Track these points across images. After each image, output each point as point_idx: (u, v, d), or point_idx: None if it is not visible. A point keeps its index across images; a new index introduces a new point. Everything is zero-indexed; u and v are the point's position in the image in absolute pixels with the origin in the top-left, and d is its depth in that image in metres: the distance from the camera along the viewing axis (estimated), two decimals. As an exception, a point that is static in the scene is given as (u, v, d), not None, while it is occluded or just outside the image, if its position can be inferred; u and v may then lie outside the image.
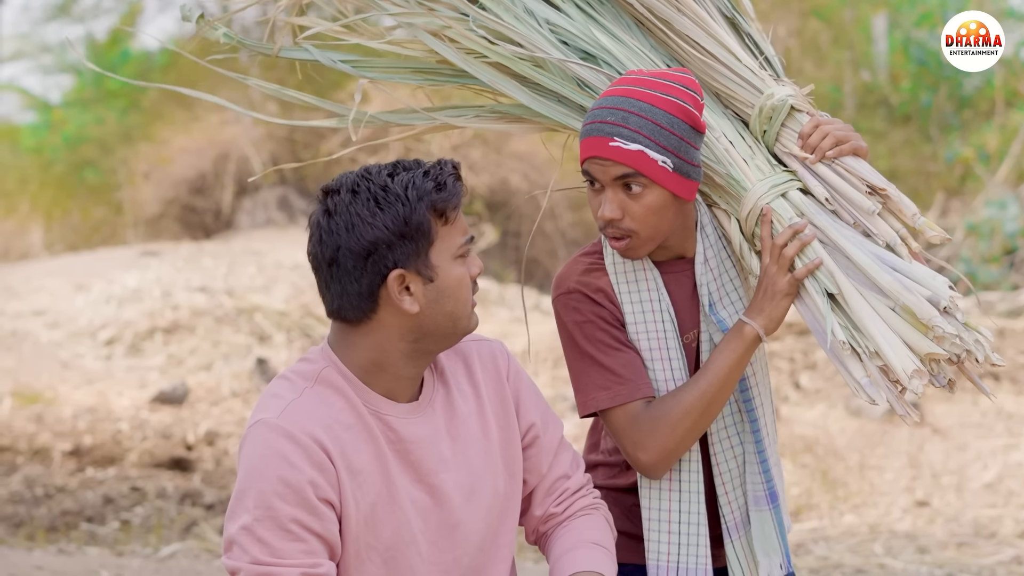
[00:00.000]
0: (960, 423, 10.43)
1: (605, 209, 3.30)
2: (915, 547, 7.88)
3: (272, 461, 2.91)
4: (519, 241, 20.33)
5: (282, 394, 3.00)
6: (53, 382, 12.81)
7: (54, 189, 24.85)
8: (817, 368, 12.19)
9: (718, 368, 3.35)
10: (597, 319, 3.42)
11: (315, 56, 3.75)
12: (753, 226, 3.38)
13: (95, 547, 8.10)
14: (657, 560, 3.46)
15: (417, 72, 3.73)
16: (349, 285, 2.97)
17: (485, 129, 3.72)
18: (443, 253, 2.99)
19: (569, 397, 11.51)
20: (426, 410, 3.10)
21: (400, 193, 2.93)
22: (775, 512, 3.48)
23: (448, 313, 3.02)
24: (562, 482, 3.32)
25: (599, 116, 3.27)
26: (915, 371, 3.18)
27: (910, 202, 3.34)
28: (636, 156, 3.24)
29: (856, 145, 3.39)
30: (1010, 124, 20.17)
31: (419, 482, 3.06)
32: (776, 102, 3.41)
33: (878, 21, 21.68)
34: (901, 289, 3.22)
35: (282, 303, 15.16)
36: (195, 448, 10.29)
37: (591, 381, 3.42)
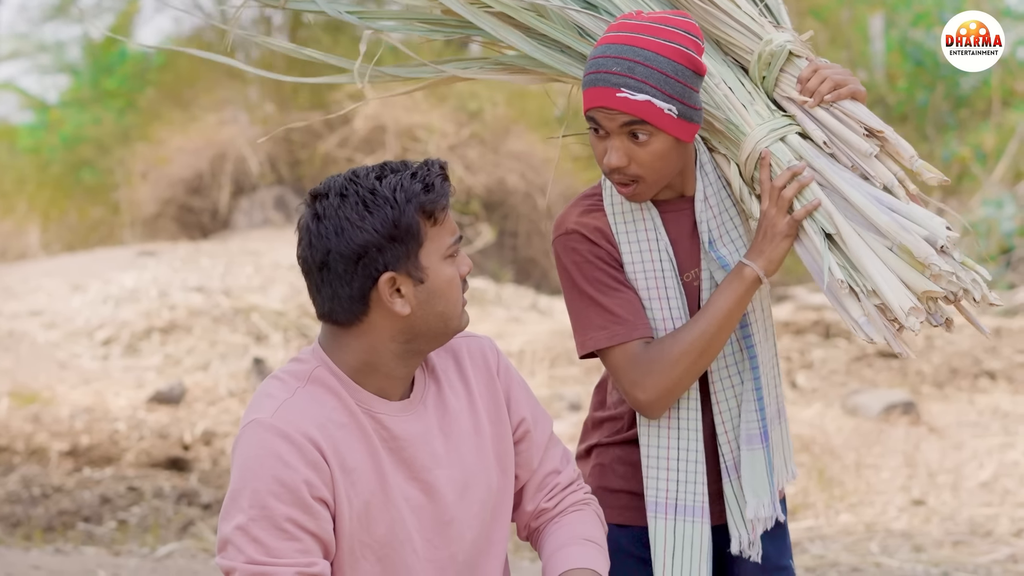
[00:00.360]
0: (956, 422, 10.44)
1: (612, 157, 3.35)
2: (911, 546, 7.88)
3: (267, 460, 2.92)
4: (516, 241, 20.32)
5: (275, 394, 3.01)
6: (50, 382, 12.80)
7: (51, 189, 24.81)
8: (814, 367, 12.20)
9: (717, 309, 3.39)
10: (595, 259, 3.46)
11: (321, 7, 3.76)
12: (752, 170, 3.42)
13: (92, 547, 8.11)
14: (656, 497, 3.49)
15: (423, 23, 3.76)
16: (340, 288, 2.98)
17: (490, 79, 3.74)
18: (433, 254, 3.00)
19: (566, 396, 11.52)
20: (418, 407, 3.11)
21: (388, 196, 2.94)
22: (766, 451, 3.50)
23: (439, 313, 3.03)
24: (552, 477, 3.33)
25: (603, 65, 3.30)
26: (912, 308, 3.22)
27: (907, 144, 3.39)
28: (643, 106, 3.28)
29: (854, 89, 3.43)
30: (1007, 123, 20.18)
31: (413, 479, 3.07)
32: (775, 48, 3.44)
33: (875, 21, 21.70)
34: (898, 228, 3.26)
35: (279, 303, 15.15)
36: (192, 448, 10.29)
37: (589, 321, 3.46)
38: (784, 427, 3.63)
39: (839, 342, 12.79)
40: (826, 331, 13.10)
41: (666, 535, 3.48)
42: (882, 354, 12.43)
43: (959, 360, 12.15)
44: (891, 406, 10.54)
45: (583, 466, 3.69)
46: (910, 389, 11.47)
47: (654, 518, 3.49)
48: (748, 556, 3.55)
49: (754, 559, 3.55)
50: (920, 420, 10.41)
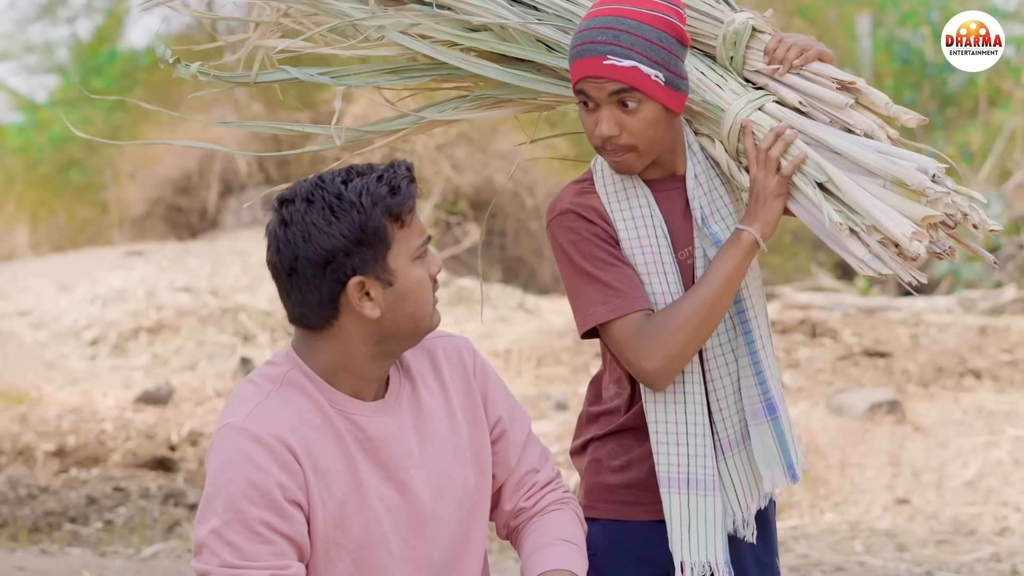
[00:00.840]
0: (941, 421, 10.46)
1: (603, 127, 3.37)
2: (895, 545, 7.91)
3: (239, 464, 2.93)
4: (504, 240, 20.33)
5: (248, 397, 3.03)
6: (38, 382, 12.81)
7: (40, 189, 24.80)
8: (800, 367, 12.22)
9: (717, 275, 3.41)
10: (592, 236, 3.48)
11: (294, 75, 3.78)
12: (736, 143, 3.44)
13: (78, 548, 8.11)
14: (668, 472, 3.49)
15: (393, 72, 3.77)
16: (309, 293, 2.99)
17: (468, 119, 3.76)
18: (401, 256, 3.01)
19: (552, 396, 11.53)
20: (393, 408, 3.13)
21: (354, 200, 2.95)
22: (774, 424, 3.51)
23: (409, 315, 3.04)
24: (531, 476, 3.34)
25: (589, 36, 3.34)
26: (914, 232, 3.23)
27: (880, 93, 3.42)
28: (630, 72, 3.31)
29: (820, 50, 3.48)
30: (993, 122, 20.24)
31: (388, 480, 3.08)
32: (738, 25, 3.48)
33: (862, 20, 21.75)
34: (888, 163, 3.29)
35: (266, 303, 15.15)
36: (178, 448, 10.29)
37: (589, 298, 3.47)
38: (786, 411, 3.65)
39: (825, 341, 12.81)
40: (812, 330, 13.12)
41: (681, 510, 3.48)
42: (868, 353, 12.46)
43: (944, 359, 12.18)
44: (876, 405, 10.56)
45: (578, 461, 3.69)
46: (895, 388, 11.50)
47: (668, 493, 3.49)
48: (743, 536, 3.55)
49: (749, 539, 3.56)
50: (905, 419, 10.43)
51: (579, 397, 11.20)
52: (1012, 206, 18.22)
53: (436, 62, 3.70)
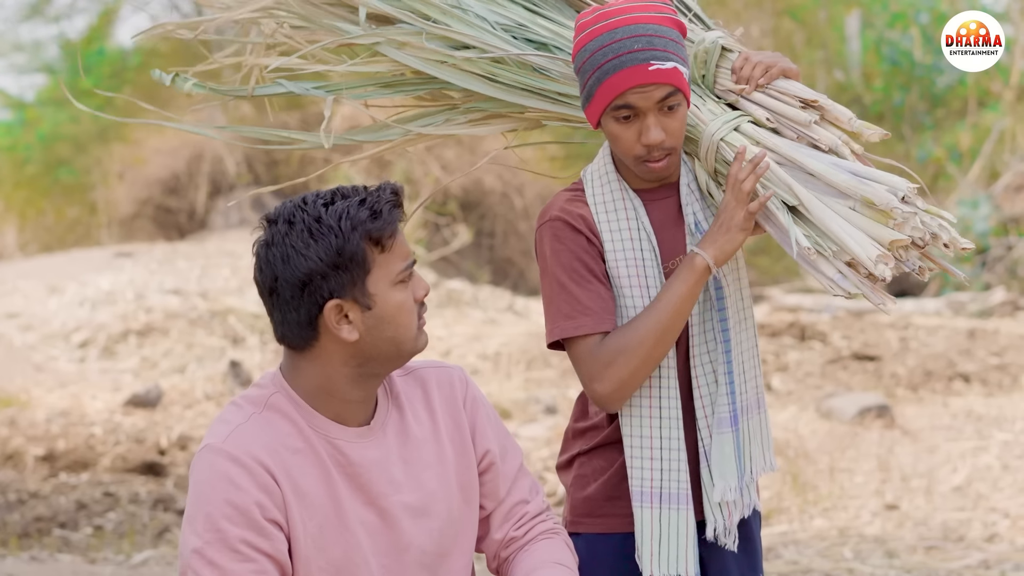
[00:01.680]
0: (930, 425, 10.47)
1: (653, 133, 3.39)
2: (884, 551, 7.92)
3: (218, 484, 2.96)
4: (493, 241, 20.35)
5: (230, 419, 3.05)
6: (27, 385, 12.79)
7: (28, 189, 24.78)
8: (789, 370, 12.24)
9: (669, 300, 3.43)
10: (575, 248, 3.50)
11: (289, 88, 3.83)
12: (713, 163, 3.48)
13: (68, 554, 8.10)
14: (640, 486, 3.52)
15: (386, 86, 3.82)
16: (289, 314, 3.02)
17: (457, 134, 3.79)
18: (381, 281, 3.02)
19: (542, 400, 11.54)
20: (377, 434, 3.14)
21: (333, 224, 2.96)
22: (735, 436, 3.54)
23: (389, 338, 3.05)
24: (521, 507, 3.35)
25: (624, 47, 3.35)
26: (879, 256, 3.28)
27: (844, 109, 3.49)
28: (673, 73, 3.36)
29: (784, 67, 3.53)
30: (982, 123, 20.26)
31: (369, 504, 3.09)
32: (708, 44, 3.54)
33: (851, 21, 21.77)
34: (858, 183, 3.33)
35: (256, 305, 15.14)
36: (168, 453, 10.29)
37: (558, 310, 3.50)
38: (763, 418, 3.66)
39: (814, 344, 12.83)
40: (801, 333, 13.14)
41: (652, 524, 3.51)
42: (857, 356, 12.48)
43: (933, 362, 12.20)
44: (865, 409, 10.57)
45: (564, 477, 3.72)
46: (884, 392, 11.51)
47: (640, 507, 3.52)
48: (724, 544, 3.57)
49: (729, 547, 3.57)
50: (894, 423, 10.44)
51: (568, 401, 11.22)
52: (1001, 208, 18.24)
53: (427, 77, 3.74)
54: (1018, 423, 10.41)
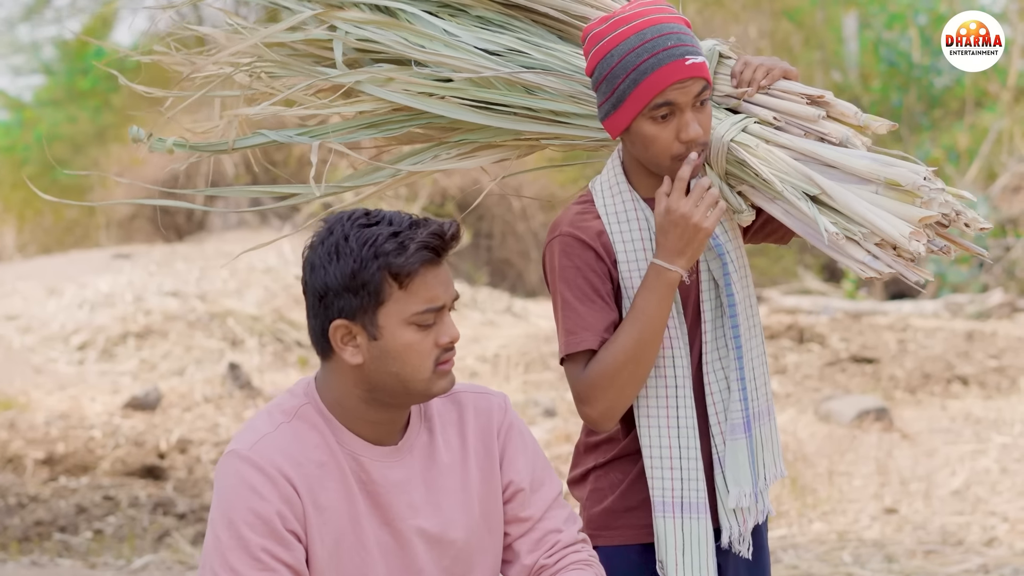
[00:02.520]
0: (929, 428, 10.49)
1: (693, 128, 3.39)
2: (883, 555, 7.93)
3: (242, 492, 2.98)
4: (491, 243, 20.35)
5: (259, 427, 3.07)
6: (26, 387, 12.79)
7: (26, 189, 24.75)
8: (787, 372, 12.25)
9: (644, 315, 3.44)
10: (583, 265, 3.50)
11: (272, 138, 3.81)
12: (724, 165, 3.48)
13: (68, 558, 8.11)
14: (662, 497, 3.53)
15: (372, 126, 3.78)
16: (310, 320, 3.07)
17: (447, 169, 3.77)
18: (393, 316, 3.00)
19: (541, 402, 11.54)
20: (404, 455, 3.13)
21: (355, 248, 2.96)
22: (749, 442, 3.55)
23: (394, 374, 3.02)
24: (554, 535, 3.27)
25: (658, 45, 3.35)
26: (912, 232, 3.28)
27: (848, 104, 3.50)
28: (703, 67, 3.38)
29: (784, 68, 3.54)
30: (979, 124, 20.28)
31: (387, 525, 3.10)
32: (705, 52, 3.53)
33: (848, 22, 21.78)
34: (880, 166, 3.34)
35: (254, 307, 15.16)
36: (167, 456, 10.29)
37: (562, 326, 3.51)
38: (773, 424, 3.67)
39: (812, 347, 12.85)
40: (800, 336, 13.15)
41: (675, 534, 3.52)
42: (855, 359, 12.49)
43: (931, 365, 12.22)
44: (864, 412, 10.59)
45: (578, 491, 3.71)
46: (883, 394, 11.53)
47: (662, 518, 3.53)
48: (739, 552, 3.59)
49: (744, 554, 3.59)
50: (893, 426, 10.46)
51: (567, 403, 11.21)
52: (998, 208, 18.27)
53: (413, 112, 3.71)
54: (1016, 426, 10.43)
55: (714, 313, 3.56)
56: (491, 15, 3.76)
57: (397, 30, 3.73)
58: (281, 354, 14.17)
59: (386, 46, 3.73)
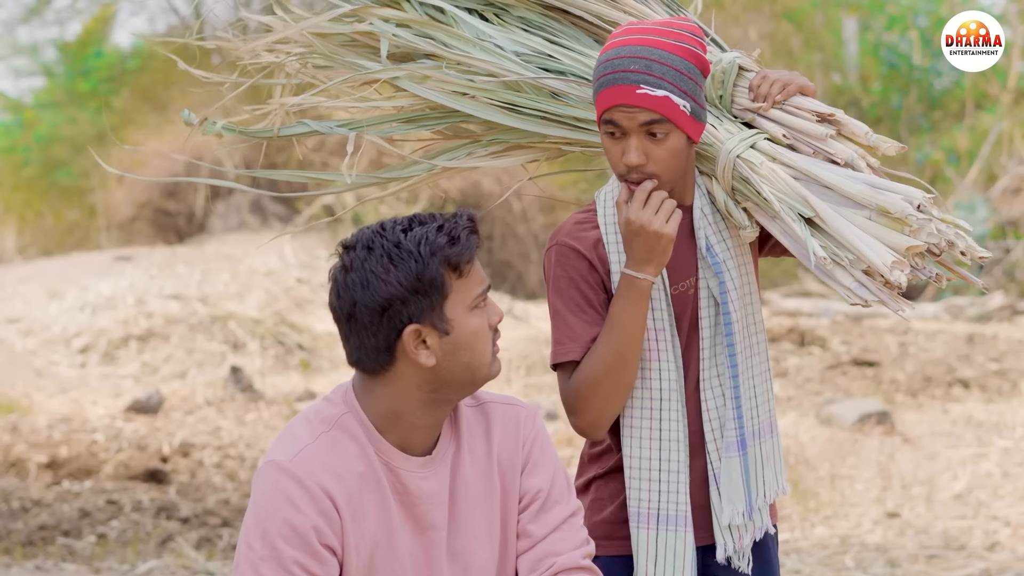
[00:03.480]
0: (930, 432, 10.51)
1: (631, 156, 3.42)
2: (885, 560, 7.94)
3: (279, 503, 2.99)
4: (491, 244, 20.34)
5: (299, 436, 3.08)
6: (28, 390, 12.80)
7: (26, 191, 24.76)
8: (788, 376, 12.26)
9: (621, 325, 3.48)
10: (576, 276, 3.55)
11: (314, 127, 3.86)
12: (731, 180, 3.51)
13: (72, 563, 8.12)
14: (638, 507, 3.56)
15: (408, 121, 3.85)
16: (367, 339, 3.04)
17: (480, 166, 3.83)
18: (458, 306, 3.04)
19: (542, 406, 11.54)
20: (438, 466, 3.15)
21: (413, 249, 2.99)
22: (743, 460, 3.57)
23: (465, 364, 3.07)
24: (551, 558, 3.23)
25: (621, 65, 3.39)
26: (894, 262, 3.32)
27: (860, 123, 3.54)
28: (663, 102, 3.37)
29: (801, 84, 3.57)
30: (979, 126, 20.27)
31: (419, 536, 3.12)
32: (725, 64, 3.58)
33: (848, 24, 21.78)
34: (873, 192, 3.38)
35: (256, 310, 15.16)
36: (170, 460, 10.29)
37: (554, 335, 3.56)
38: (776, 441, 3.69)
39: (813, 350, 12.86)
40: (800, 339, 13.16)
41: (648, 545, 3.55)
42: (856, 362, 12.50)
43: (933, 368, 12.23)
44: (865, 416, 10.60)
45: (582, 499, 3.71)
46: (884, 398, 11.54)
47: (636, 528, 3.56)
48: (738, 567, 3.60)
49: (744, 570, 3.60)
50: (894, 430, 10.47)
51: (569, 407, 11.19)
52: (998, 211, 18.27)
53: (448, 110, 3.78)
54: (1018, 430, 10.45)
55: (713, 330, 3.59)
56: (532, 16, 3.83)
57: (431, 28, 3.80)
58: (283, 357, 14.17)
59: (412, 45, 3.80)
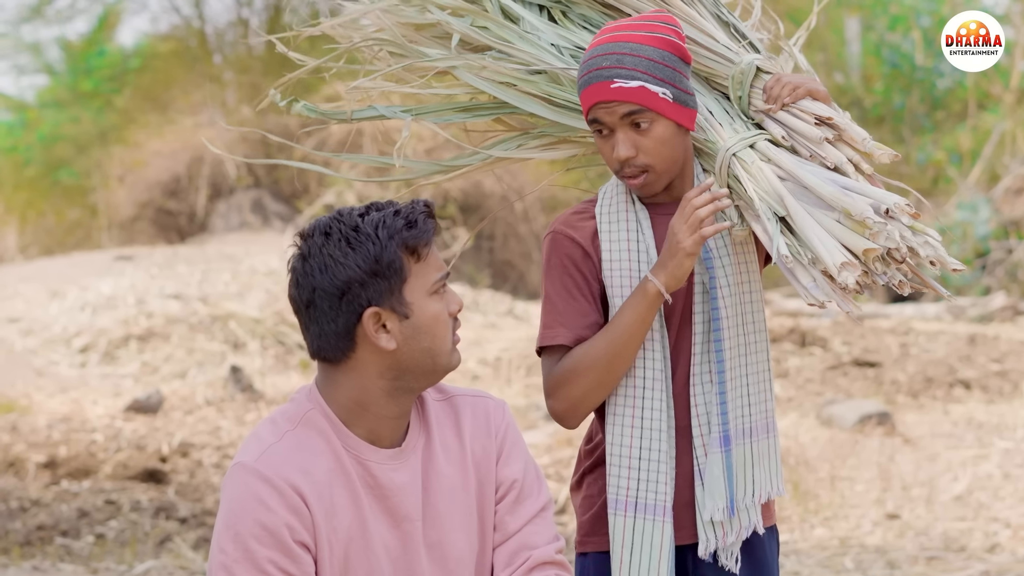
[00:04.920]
0: (931, 433, 10.49)
1: (620, 149, 3.48)
2: (885, 561, 7.92)
3: (249, 504, 2.99)
4: (493, 244, 20.35)
5: (264, 437, 3.08)
6: (28, 390, 12.80)
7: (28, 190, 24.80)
8: (789, 376, 12.25)
9: (620, 324, 3.52)
10: (569, 263, 3.60)
11: (382, 112, 3.96)
12: (726, 178, 3.56)
13: (70, 563, 8.11)
14: (616, 494, 3.58)
15: (464, 110, 3.95)
16: (326, 325, 3.04)
17: (531, 158, 3.90)
18: (417, 290, 3.05)
19: (542, 406, 11.53)
20: (409, 458, 3.15)
21: (370, 233, 3.01)
22: (726, 456, 3.58)
23: (426, 349, 3.07)
24: (526, 552, 3.25)
25: (594, 64, 3.46)
26: (843, 263, 3.35)
27: (860, 129, 3.59)
28: (638, 92, 3.44)
29: (810, 88, 3.60)
30: (982, 126, 20.27)
31: (394, 528, 3.12)
32: (744, 66, 3.63)
33: (851, 24, 21.78)
34: (840, 195, 3.41)
35: (256, 310, 15.16)
36: (169, 460, 10.29)
37: (543, 319, 3.62)
38: (772, 442, 3.70)
39: (814, 350, 12.85)
40: (802, 339, 13.15)
41: (624, 532, 3.56)
42: (857, 363, 12.49)
43: (934, 369, 12.22)
44: (866, 416, 10.59)
45: (576, 497, 3.76)
46: (885, 398, 11.53)
47: (614, 515, 3.58)
48: (725, 566, 3.59)
49: (731, 568, 3.59)
50: (895, 431, 10.46)
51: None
52: (1001, 211, 18.26)
53: (499, 102, 3.86)
54: (1019, 431, 10.43)
55: (705, 326, 3.61)
56: (592, 14, 3.89)
57: (477, 17, 3.89)
58: (283, 357, 14.18)
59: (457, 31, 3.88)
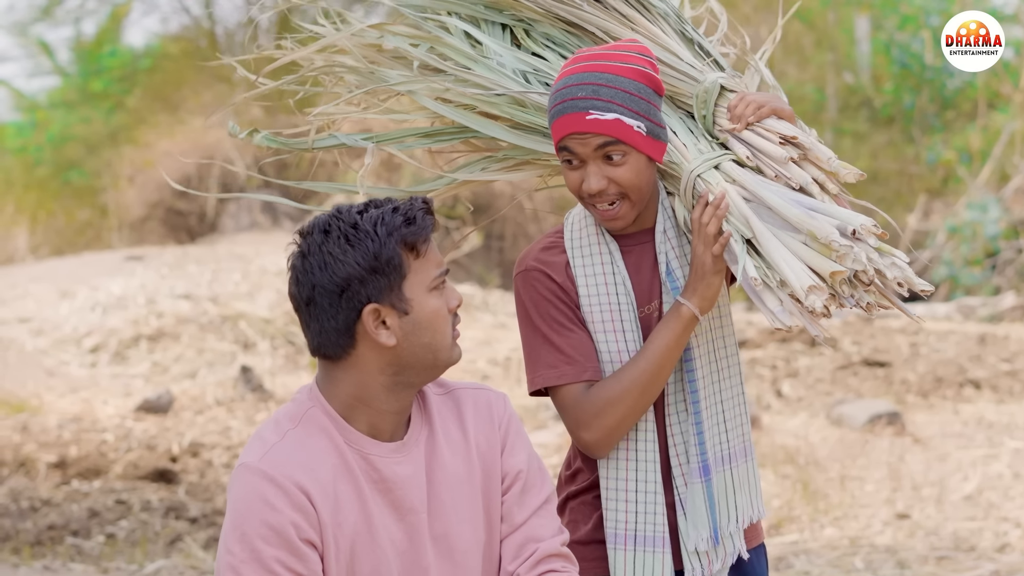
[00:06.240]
0: (941, 432, 10.48)
1: (591, 183, 3.45)
2: (895, 561, 7.92)
3: (254, 504, 2.99)
4: (503, 244, 20.35)
5: (266, 437, 3.08)
6: (38, 390, 12.82)
7: (38, 191, 24.82)
8: (799, 376, 12.24)
9: (656, 347, 3.49)
10: (552, 297, 3.57)
11: (342, 140, 3.97)
12: (691, 200, 3.54)
13: (80, 563, 8.13)
14: (615, 528, 3.58)
15: (425, 136, 3.94)
16: (326, 322, 3.05)
17: (495, 180, 3.90)
18: (417, 286, 3.06)
19: (551, 406, 11.53)
20: (412, 450, 3.16)
21: (369, 230, 3.02)
22: (705, 487, 3.57)
23: (426, 345, 3.09)
24: (533, 544, 3.28)
25: (568, 93, 3.42)
26: (811, 287, 3.34)
27: (825, 148, 3.57)
28: (614, 125, 3.39)
29: (775, 107, 3.58)
30: (992, 126, 20.24)
31: (400, 521, 3.12)
32: (708, 85, 3.60)
33: (861, 23, 21.76)
34: (806, 217, 3.40)
35: (266, 310, 15.17)
36: (179, 460, 10.31)
37: (540, 359, 3.56)
38: (750, 466, 3.70)
39: (824, 350, 12.83)
40: (811, 339, 13.12)
41: (625, 566, 3.56)
42: (867, 362, 12.48)
43: (944, 368, 12.20)
44: (876, 416, 10.58)
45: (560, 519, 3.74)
46: (895, 398, 11.52)
47: (613, 550, 3.57)
48: None
49: None
50: (905, 430, 10.45)
51: (579, 407, 11.19)
52: (1011, 211, 18.23)
53: (460, 127, 3.84)
54: (1029, 431, 10.43)
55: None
56: (555, 33, 3.86)
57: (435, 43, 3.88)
58: (293, 357, 14.19)
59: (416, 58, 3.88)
